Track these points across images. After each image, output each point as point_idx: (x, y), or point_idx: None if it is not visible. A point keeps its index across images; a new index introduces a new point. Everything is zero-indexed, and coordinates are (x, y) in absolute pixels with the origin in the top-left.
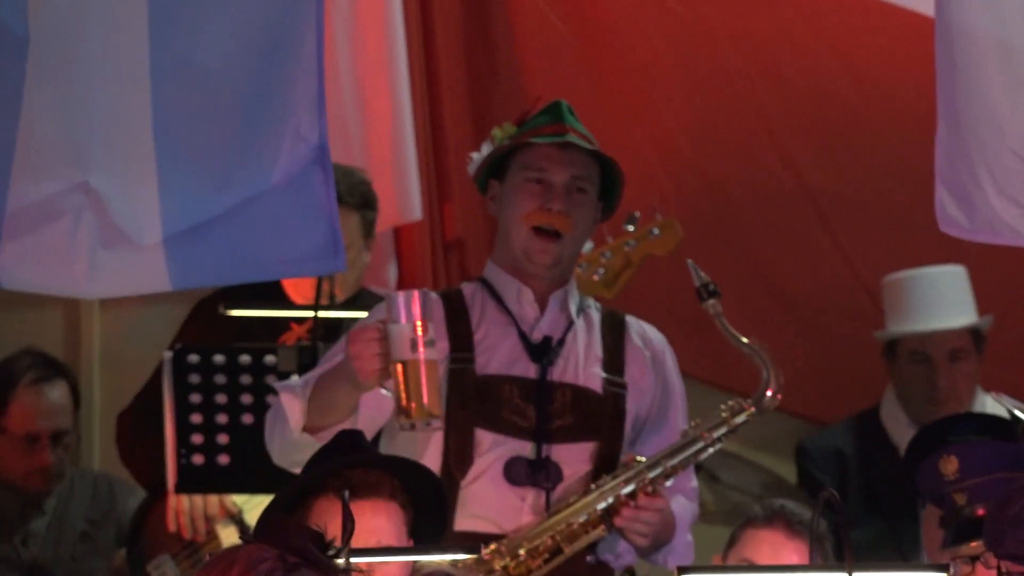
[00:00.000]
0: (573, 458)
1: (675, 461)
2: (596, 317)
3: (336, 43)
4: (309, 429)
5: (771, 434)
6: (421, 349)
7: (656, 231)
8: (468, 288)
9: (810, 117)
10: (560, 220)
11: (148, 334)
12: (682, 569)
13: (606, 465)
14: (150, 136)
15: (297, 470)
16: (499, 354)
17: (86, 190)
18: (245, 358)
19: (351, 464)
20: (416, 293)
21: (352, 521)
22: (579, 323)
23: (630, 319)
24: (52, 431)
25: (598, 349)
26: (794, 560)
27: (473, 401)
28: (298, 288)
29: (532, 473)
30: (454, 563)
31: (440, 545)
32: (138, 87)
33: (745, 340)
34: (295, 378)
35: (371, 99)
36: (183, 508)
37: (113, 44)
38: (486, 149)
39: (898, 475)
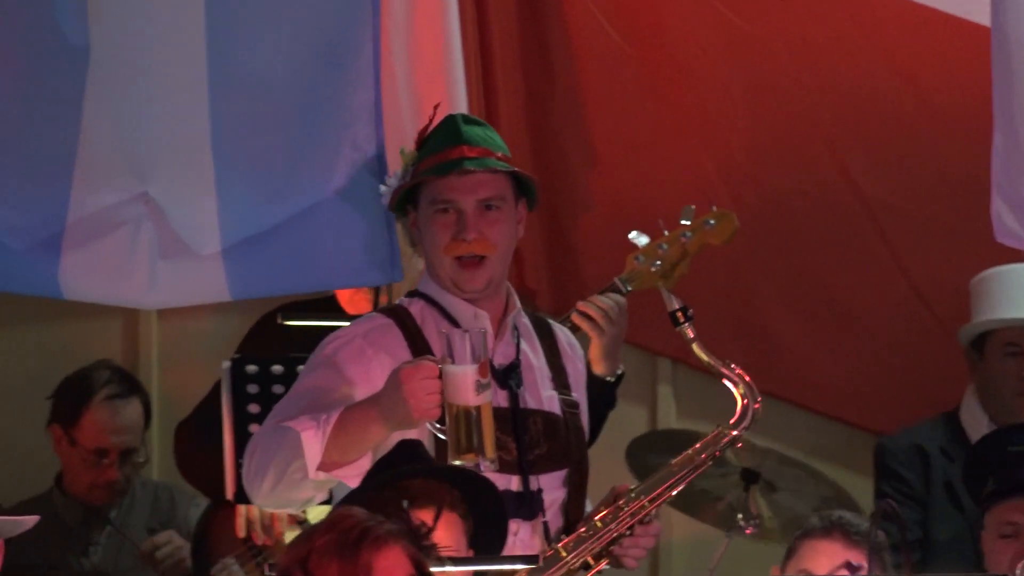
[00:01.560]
0: (550, 486)
1: (666, 488)
2: (530, 327)
3: (393, 53)
4: (324, 467)
5: (828, 444)
6: (480, 393)
7: (712, 221)
8: (414, 306)
9: (867, 127)
10: (479, 245)
11: (207, 344)
12: None
13: (577, 490)
14: (208, 147)
15: (281, 509)
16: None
17: (145, 201)
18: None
19: (411, 474)
20: (479, 334)
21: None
22: (523, 343)
23: (552, 324)
24: (122, 448)
25: (544, 367)
26: None
27: None
28: (353, 301)
29: (519, 506)
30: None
31: (499, 556)
32: (196, 98)
33: (726, 363)
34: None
35: (428, 109)
36: (254, 515)
37: (172, 55)
38: (395, 179)
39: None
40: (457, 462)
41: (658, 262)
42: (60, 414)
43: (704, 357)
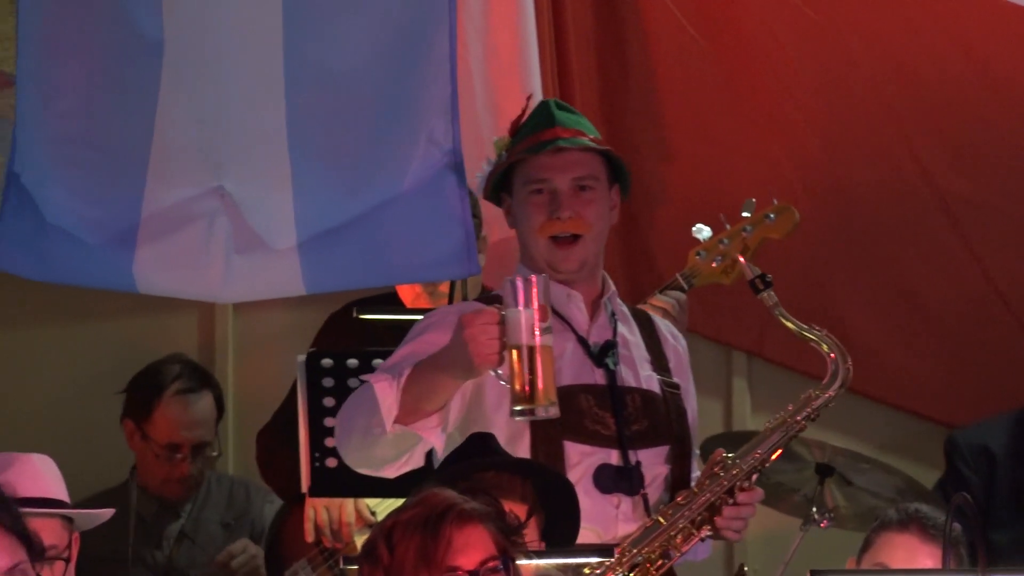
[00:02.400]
0: (652, 462)
1: (763, 452)
2: (628, 315)
3: (469, 48)
4: (401, 419)
5: (904, 437)
6: (539, 335)
7: (772, 216)
8: None
9: (942, 121)
10: (573, 224)
11: (282, 338)
12: (816, 572)
13: (681, 466)
14: (284, 141)
15: (370, 470)
16: (566, 363)
17: (221, 195)
18: (378, 362)
19: (483, 467)
20: (535, 278)
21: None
22: (620, 325)
23: (653, 316)
24: (194, 443)
25: (644, 350)
26: (929, 565)
27: None
28: (417, 300)
29: (620, 480)
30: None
31: (571, 548)
32: (272, 92)
33: (810, 327)
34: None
35: (503, 104)
36: (322, 519)
37: (247, 49)
38: (487, 166)
39: None
40: (517, 407)
41: (719, 257)
42: (132, 409)
43: (788, 322)
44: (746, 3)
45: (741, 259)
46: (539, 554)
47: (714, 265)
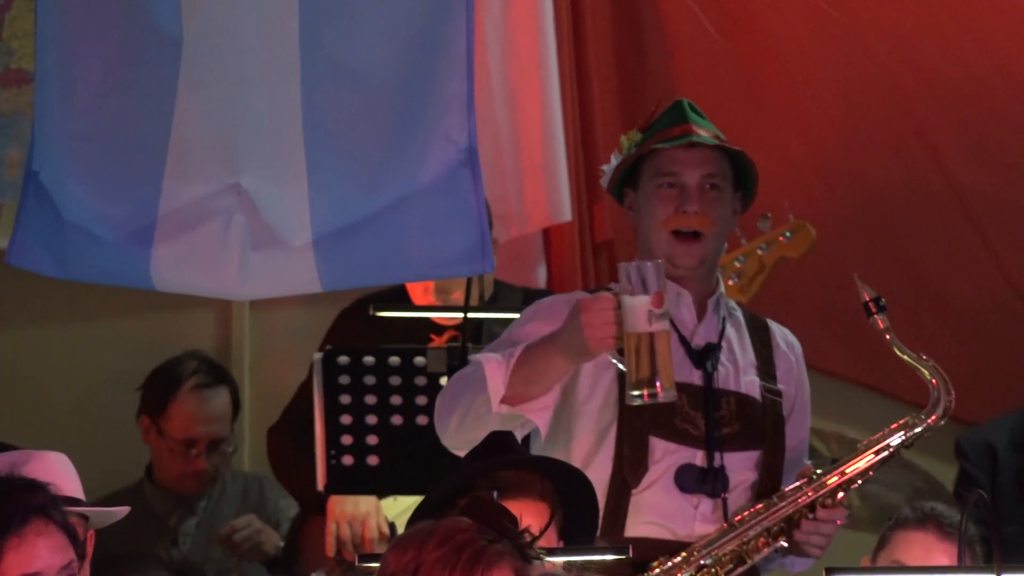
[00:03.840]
0: (740, 466)
1: (852, 472)
2: (742, 320)
3: (487, 45)
4: (508, 400)
5: None
6: (657, 321)
7: (788, 234)
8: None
9: (961, 117)
10: (698, 220)
11: (299, 335)
12: (831, 569)
13: (771, 474)
14: (300, 138)
15: (462, 450)
16: None
17: (237, 192)
18: (395, 359)
19: (502, 465)
20: (651, 264)
21: (513, 517)
22: (729, 328)
23: (770, 323)
24: (210, 438)
25: (751, 355)
26: (945, 563)
27: (647, 409)
28: (426, 297)
29: (702, 481)
30: (569, 565)
31: (590, 546)
32: (289, 89)
33: (918, 355)
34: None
35: (522, 101)
36: (345, 534)
37: (264, 46)
38: (615, 159)
39: None
40: (634, 392)
41: (735, 276)
42: (148, 405)
43: (897, 349)
44: (767, 2)
45: (857, 279)
46: (556, 552)
47: (731, 283)
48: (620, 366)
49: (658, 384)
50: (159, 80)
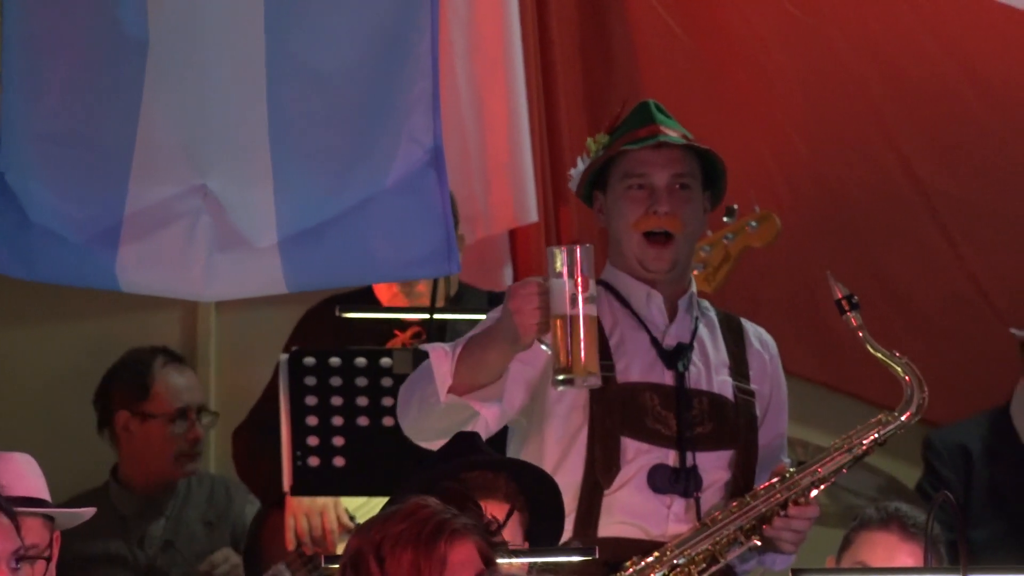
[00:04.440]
0: (713, 466)
1: (825, 470)
2: (715, 320)
3: (453, 45)
4: (456, 389)
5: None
6: (581, 305)
7: (754, 224)
8: None
9: (927, 119)
10: (669, 221)
11: (264, 336)
12: (797, 571)
13: (744, 473)
14: (266, 139)
15: (427, 442)
16: (637, 360)
17: (203, 193)
18: (361, 360)
19: (468, 466)
20: (578, 248)
21: (478, 504)
22: (701, 327)
23: (745, 322)
24: (198, 405)
25: (724, 355)
26: (908, 563)
27: (618, 409)
28: (394, 300)
29: (675, 481)
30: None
31: (557, 547)
32: (254, 90)
33: (891, 353)
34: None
35: (488, 102)
36: (303, 527)
37: (230, 48)
38: (581, 163)
39: None
40: (558, 377)
41: (700, 265)
42: (123, 398)
43: (870, 347)
44: (732, 1)
45: (830, 276)
46: (521, 553)
47: (696, 273)
48: (549, 350)
49: (580, 369)
50: (125, 82)
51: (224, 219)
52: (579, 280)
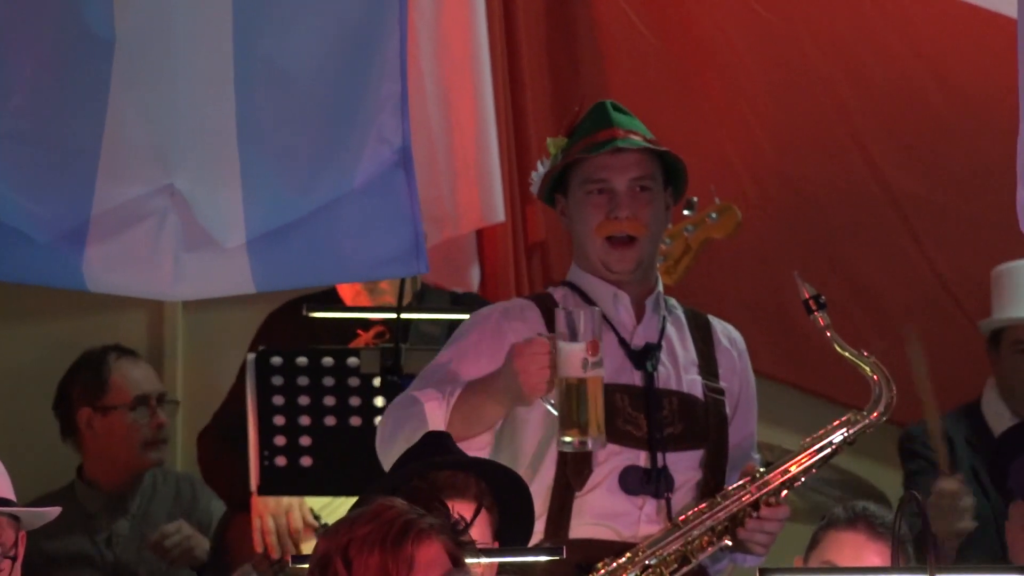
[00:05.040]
0: (684, 466)
1: (795, 470)
2: (683, 318)
3: (420, 46)
4: None
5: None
6: (592, 370)
7: (714, 215)
8: (558, 293)
9: (893, 119)
10: (630, 225)
11: (232, 336)
12: (764, 571)
13: (715, 472)
14: (234, 139)
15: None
16: (606, 362)
17: (171, 193)
18: (328, 360)
19: (438, 466)
20: (586, 312)
21: (445, 504)
22: (669, 327)
23: (712, 319)
24: (159, 393)
25: (692, 353)
26: (876, 563)
27: None
28: (357, 300)
29: (647, 482)
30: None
31: (526, 547)
32: (222, 90)
33: (859, 352)
34: (422, 385)
35: (455, 102)
36: (268, 528)
37: (198, 48)
38: (542, 166)
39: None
40: (566, 438)
41: (661, 257)
42: (82, 395)
43: (838, 346)
44: (699, 3)
45: (797, 277)
46: (490, 553)
47: (657, 265)
48: (554, 411)
49: (590, 432)
50: (92, 81)
51: (192, 219)
52: (588, 343)
